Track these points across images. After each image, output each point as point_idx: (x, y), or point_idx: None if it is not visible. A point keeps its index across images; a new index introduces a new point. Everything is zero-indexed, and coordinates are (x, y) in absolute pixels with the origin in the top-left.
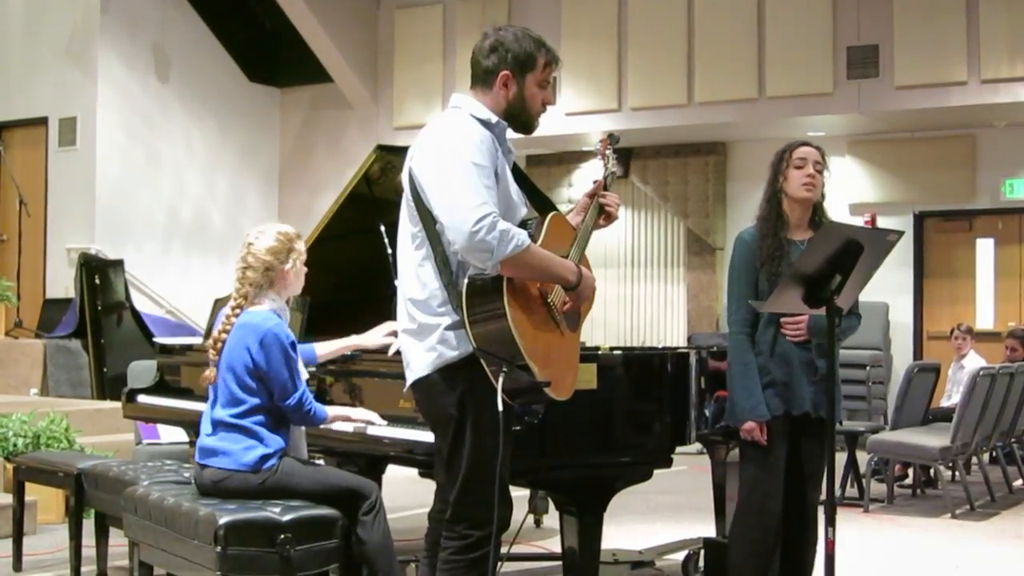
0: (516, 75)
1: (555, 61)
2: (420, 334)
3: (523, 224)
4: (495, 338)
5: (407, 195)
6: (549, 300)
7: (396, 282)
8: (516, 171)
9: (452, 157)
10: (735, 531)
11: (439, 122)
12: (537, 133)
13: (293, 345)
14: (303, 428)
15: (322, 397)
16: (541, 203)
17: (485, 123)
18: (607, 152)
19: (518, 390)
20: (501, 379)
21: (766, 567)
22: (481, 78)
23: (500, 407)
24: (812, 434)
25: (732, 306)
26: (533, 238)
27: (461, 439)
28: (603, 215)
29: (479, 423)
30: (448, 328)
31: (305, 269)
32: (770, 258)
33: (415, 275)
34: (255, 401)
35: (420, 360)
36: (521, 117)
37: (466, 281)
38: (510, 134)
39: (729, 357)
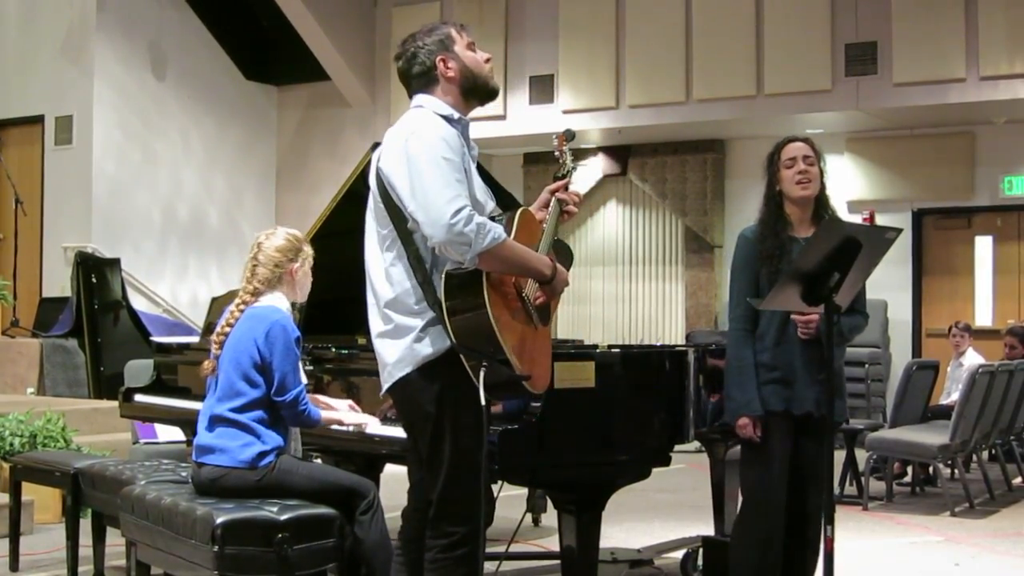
0: (447, 53)
1: (462, 26)
2: (397, 334)
3: (490, 219)
4: (475, 333)
5: (375, 196)
6: (524, 294)
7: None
8: (479, 168)
9: (423, 153)
10: (738, 531)
11: (405, 121)
12: (534, 131)
13: (298, 340)
14: (297, 428)
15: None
16: (504, 199)
17: (448, 119)
18: (564, 149)
19: (498, 385)
20: (482, 374)
21: (768, 568)
22: (423, 80)
23: (483, 401)
24: (815, 434)
25: (732, 302)
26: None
27: (441, 437)
28: (563, 212)
29: (458, 420)
30: (426, 326)
31: (311, 274)
32: (770, 257)
33: (385, 276)
34: (255, 394)
35: (398, 360)
36: (477, 83)
37: (444, 276)
38: (483, 131)
39: (727, 353)
